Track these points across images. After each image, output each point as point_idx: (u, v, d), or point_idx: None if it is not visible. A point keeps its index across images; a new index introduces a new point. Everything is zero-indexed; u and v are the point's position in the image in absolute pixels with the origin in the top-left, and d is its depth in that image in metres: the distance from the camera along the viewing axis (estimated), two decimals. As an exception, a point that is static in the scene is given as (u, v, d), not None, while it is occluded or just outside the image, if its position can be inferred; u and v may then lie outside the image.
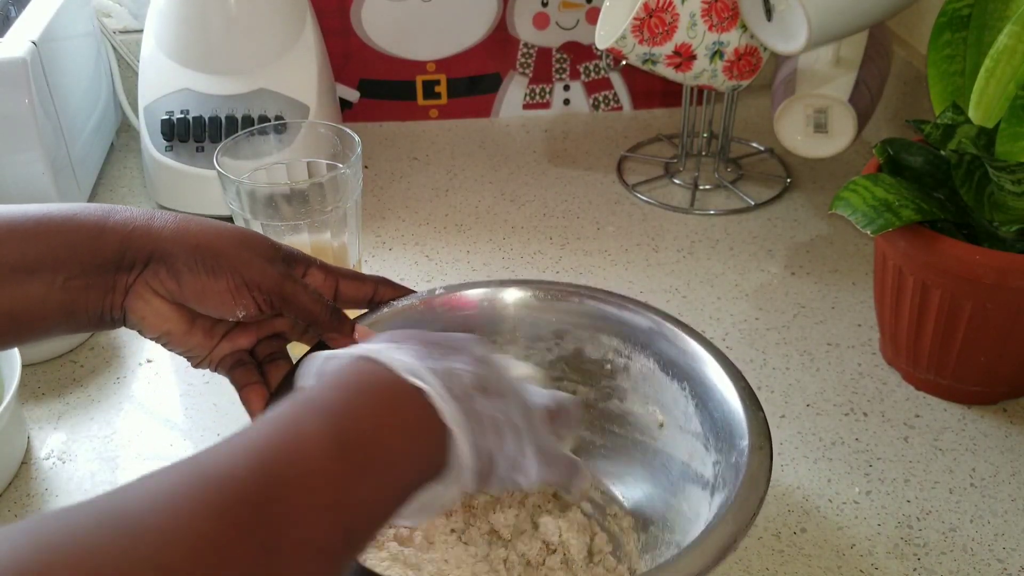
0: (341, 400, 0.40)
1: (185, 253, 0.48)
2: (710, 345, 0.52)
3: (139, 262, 0.48)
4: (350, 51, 1.02)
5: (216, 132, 0.84)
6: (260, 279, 0.49)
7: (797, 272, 0.80)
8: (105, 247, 0.47)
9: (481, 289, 0.59)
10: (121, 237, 0.48)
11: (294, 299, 0.50)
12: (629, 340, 0.55)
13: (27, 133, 0.77)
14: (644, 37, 0.78)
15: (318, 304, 0.51)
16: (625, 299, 0.56)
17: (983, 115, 0.59)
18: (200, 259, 0.48)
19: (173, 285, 0.49)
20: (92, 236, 0.47)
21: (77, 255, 0.47)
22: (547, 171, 0.96)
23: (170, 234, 0.48)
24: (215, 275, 0.49)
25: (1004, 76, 0.57)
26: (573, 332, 0.57)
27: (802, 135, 0.83)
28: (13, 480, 0.61)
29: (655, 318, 0.55)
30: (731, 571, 0.54)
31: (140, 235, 0.48)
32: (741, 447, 0.46)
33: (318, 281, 0.54)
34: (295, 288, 0.50)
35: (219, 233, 0.49)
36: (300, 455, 0.36)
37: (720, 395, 0.50)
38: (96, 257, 0.47)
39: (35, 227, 0.47)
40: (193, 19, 0.86)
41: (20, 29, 0.80)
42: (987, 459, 0.61)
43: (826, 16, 0.72)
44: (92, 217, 0.48)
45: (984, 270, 0.58)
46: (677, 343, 0.53)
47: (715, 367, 0.51)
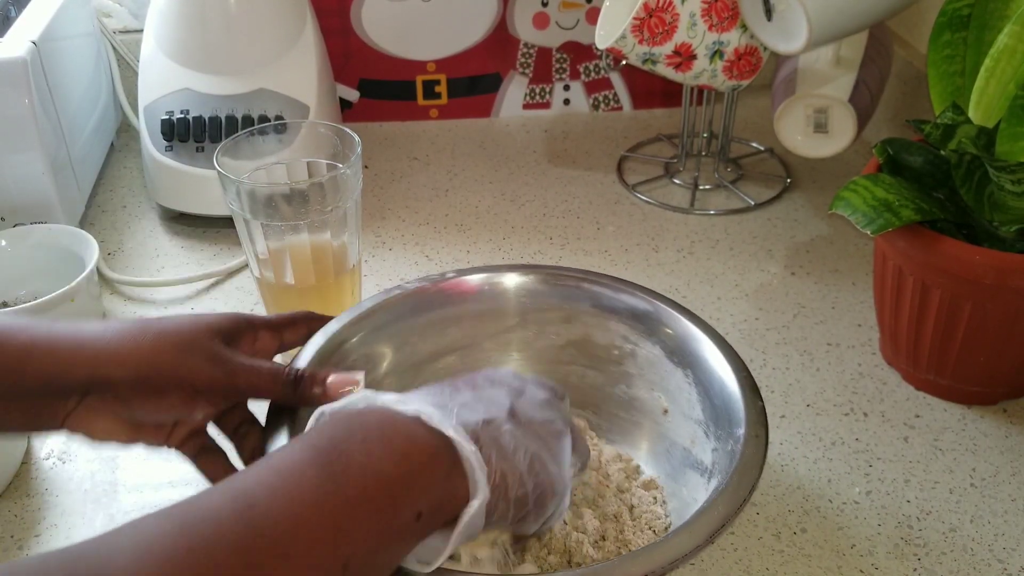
0: (330, 437, 0.39)
1: (127, 379, 0.45)
2: (712, 332, 0.53)
3: (75, 390, 0.45)
4: (350, 51, 1.02)
5: (216, 132, 0.84)
6: (210, 383, 0.47)
7: (797, 272, 0.80)
8: (29, 374, 0.44)
9: (483, 274, 0.59)
10: (48, 365, 0.44)
11: (250, 390, 0.48)
12: (636, 327, 0.56)
13: (27, 133, 0.77)
14: (644, 37, 0.78)
15: (276, 384, 0.48)
16: (630, 285, 0.57)
17: (983, 115, 0.59)
18: (144, 381, 0.46)
19: (120, 408, 0.46)
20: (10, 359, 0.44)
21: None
22: (547, 171, 0.96)
23: (106, 360, 0.45)
24: (164, 394, 0.46)
25: (1004, 76, 0.57)
26: (581, 318, 0.58)
27: (802, 135, 0.83)
28: (13, 480, 0.61)
29: (659, 304, 0.56)
30: (731, 571, 0.54)
31: (69, 361, 0.45)
32: (737, 435, 0.46)
33: (266, 340, 0.52)
34: (248, 378, 0.48)
35: (155, 347, 0.46)
36: (285, 493, 0.35)
37: (721, 382, 0.51)
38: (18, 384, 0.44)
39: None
40: (193, 19, 0.86)
41: (20, 29, 0.80)
42: (987, 459, 0.61)
43: (826, 16, 0.72)
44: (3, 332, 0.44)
45: (984, 270, 0.58)
46: (680, 330, 0.54)
47: (716, 354, 0.52)
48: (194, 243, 0.85)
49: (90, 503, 0.59)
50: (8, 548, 0.56)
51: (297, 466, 0.37)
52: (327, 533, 0.35)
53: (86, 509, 0.59)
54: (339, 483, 0.37)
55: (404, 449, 0.40)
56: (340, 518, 0.36)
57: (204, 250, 0.84)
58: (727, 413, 0.49)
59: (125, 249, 0.85)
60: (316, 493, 0.36)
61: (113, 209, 0.91)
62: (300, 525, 0.35)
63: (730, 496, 0.44)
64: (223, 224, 0.86)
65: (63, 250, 0.74)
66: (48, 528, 0.58)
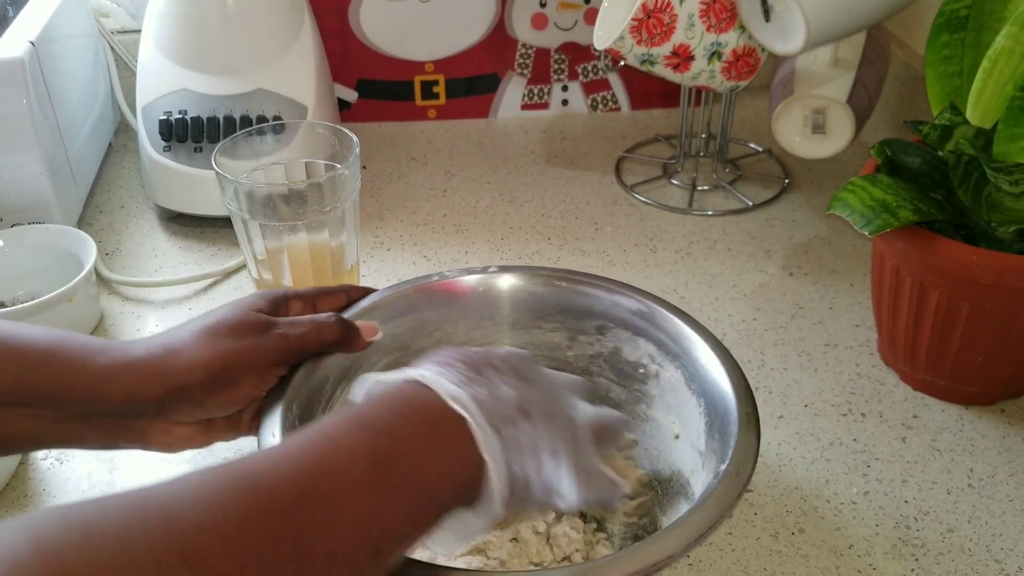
0: (384, 420, 0.40)
1: (200, 383, 0.47)
2: (731, 363, 0.52)
3: (150, 408, 0.47)
4: (348, 51, 1.02)
5: (214, 132, 0.83)
6: (272, 356, 0.49)
7: (795, 273, 0.80)
8: (108, 395, 0.46)
9: (519, 276, 0.60)
10: (123, 386, 0.46)
11: (306, 347, 0.51)
12: (664, 348, 0.55)
13: (25, 133, 0.77)
14: (642, 38, 0.78)
15: (329, 328, 0.51)
16: (668, 305, 0.56)
17: (981, 116, 0.59)
18: (217, 379, 0.48)
19: (200, 412, 0.49)
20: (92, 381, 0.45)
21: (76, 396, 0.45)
22: (545, 171, 0.96)
23: (178, 371, 0.47)
24: (236, 383, 0.48)
25: (1002, 77, 0.57)
26: (614, 330, 0.58)
27: (800, 136, 0.83)
28: (11, 480, 0.61)
29: (691, 331, 0.54)
30: (729, 571, 0.54)
31: (144, 381, 0.46)
32: (719, 470, 0.46)
33: (298, 309, 0.54)
34: (298, 336, 0.50)
35: (216, 343, 0.48)
36: (337, 468, 0.36)
37: (726, 417, 0.49)
38: (99, 403, 0.46)
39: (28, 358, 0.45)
40: (191, 19, 0.86)
41: (18, 29, 0.80)
42: (985, 459, 0.62)
43: (824, 17, 0.72)
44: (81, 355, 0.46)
45: (981, 271, 0.58)
46: (702, 359, 0.53)
47: (727, 387, 0.51)
48: (192, 243, 0.85)
49: (88, 503, 0.59)
50: (5, 549, 0.56)
51: (349, 439, 0.38)
52: (368, 515, 0.36)
53: (84, 509, 0.59)
54: (387, 469, 0.38)
55: (447, 450, 0.40)
56: (383, 502, 0.37)
57: (202, 250, 0.84)
58: (724, 450, 0.48)
59: (123, 249, 0.85)
60: (364, 473, 0.37)
61: (111, 209, 0.91)
62: (346, 502, 0.36)
63: (720, 497, 0.44)
64: (221, 224, 0.86)
65: (61, 250, 0.74)
66: (46, 528, 0.58)
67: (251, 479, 0.34)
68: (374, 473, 0.37)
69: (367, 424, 0.39)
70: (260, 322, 0.50)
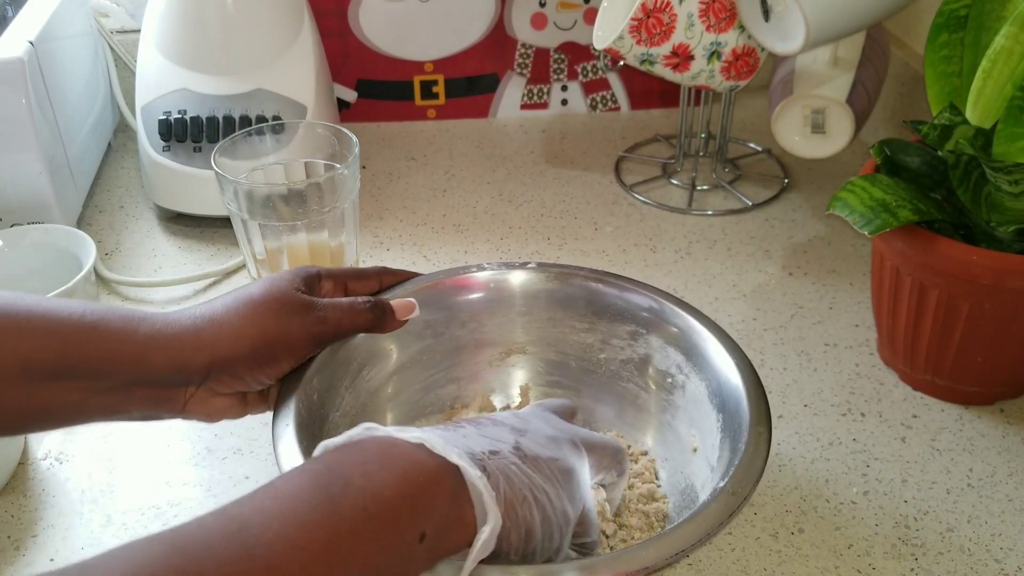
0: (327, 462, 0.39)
1: (243, 357, 0.48)
2: (752, 378, 0.51)
3: (196, 377, 0.48)
4: (348, 51, 1.02)
5: (213, 132, 0.83)
6: (312, 337, 0.50)
7: (795, 272, 0.80)
8: (153, 364, 0.46)
9: (556, 275, 0.60)
10: (169, 355, 0.47)
11: (339, 329, 0.51)
12: (692, 359, 0.55)
13: (24, 133, 0.77)
14: (642, 37, 0.78)
15: (363, 314, 0.52)
16: (699, 314, 0.56)
17: (980, 116, 0.59)
18: (259, 355, 0.49)
19: (239, 384, 0.49)
20: (136, 351, 0.46)
21: (119, 367, 0.46)
22: (545, 171, 0.96)
23: (224, 342, 0.48)
24: (277, 361, 0.50)
25: (1001, 77, 0.57)
26: (646, 337, 0.58)
27: (800, 135, 0.83)
28: (10, 481, 0.61)
29: (718, 342, 0.54)
30: (729, 571, 0.54)
31: (191, 351, 0.47)
32: (718, 487, 0.46)
33: (329, 289, 0.54)
34: (335, 318, 0.51)
35: (260, 319, 0.48)
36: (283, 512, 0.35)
37: (741, 435, 0.49)
38: (143, 372, 0.46)
39: (70, 331, 0.45)
40: (191, 19, 0.86)
41: (17, 29, 0.80)
42: (984, 459, 0.62)
43: (824, 17, 0.72)
44: (124, 326, 0.46)
45: (981, 270, 0.58)
46: (726, 371, 0.53)
47: (744, 403, 0.50)
48: (191, 243, 0.85)
49: (87, 503, 0.59)
50: (5, 548, 0.56)
51: (293, 490, 0.37)
52: (323, 554, 0.35)
53: (83, 509, 0.59)
54: (337, 504, 0.36)
55: (405, 471, 0.39)
56: (337, 539, 0.36)
57: (201, 250, 0.84)
58: (731, 466, 0.47)
59: (122, 249, 0.85)
60: (312, 515, 0.36)
61: (110, 209, 0.91)
62: (294, 546, 0.34)
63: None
64: (220, 224, 0.86)
65: (60, 250, 0.74)
66: (45, 529, 0.58)
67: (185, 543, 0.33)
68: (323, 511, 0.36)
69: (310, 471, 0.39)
70: (302, 302, 0.50)
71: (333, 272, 0.55)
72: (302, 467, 0.40)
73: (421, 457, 0.40)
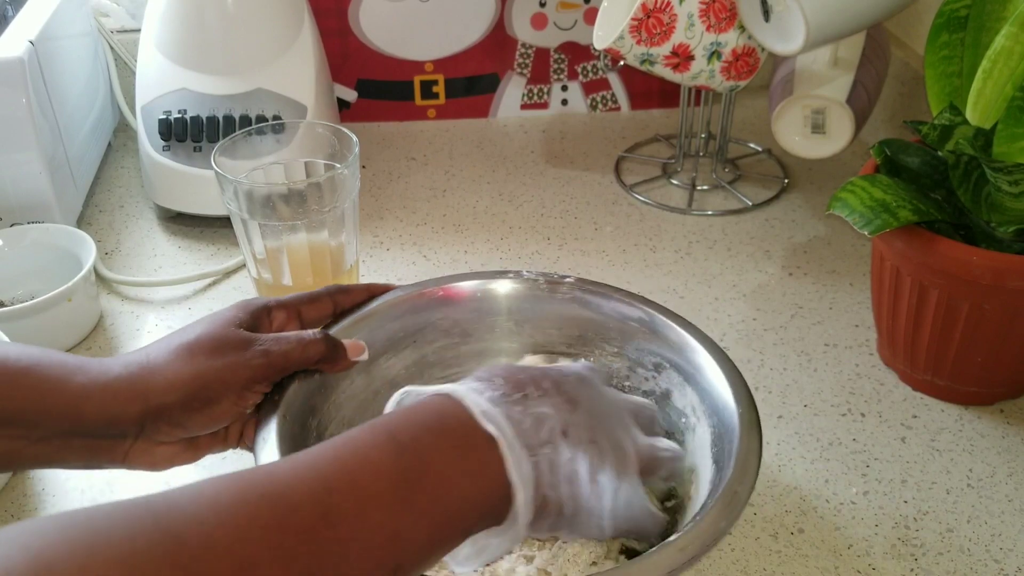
0: (413, 435, 0.39)
1: (178, 402, 0.46)
2: (755, 430, 0.49)
3: (131, 429, 0.46)
4: (348, 51, 1.02)
5: (214, 132, 0.83)
6: (252, 374, 0.47)
7: (795, 273, 0.80)
8: (85, 416, 0.44)
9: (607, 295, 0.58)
10: (101, 407, 0.44)
11: (290, 364, 0.49)
12: (705, 402, 0.53)
13: (24, 133, 0.77)
14: (642, 37, 0.78)
15: (314, 345, 0.50)
16: (721, 356, 0.54)
17: (980, 116, 0.59)
18: (195, 398, 0.46)
19: (180, 431, 0.47)
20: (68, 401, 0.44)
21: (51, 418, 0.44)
22: (545, 171, 0.96)
23: (156, 389, 0.46)
24: (215, 402, 0.47)
25: (1001, 77, 0.57)
26: (668, 371, 0.56)
27: (800, 136, 0.83)
28: (10, 480, 0.61)
29: (733, 392, 0.51)
30: (728, 571, 0.54)
31: (123, 402, 0.45)
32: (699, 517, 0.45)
33: (281, 320, 0.52)
34: (280, 353, 0.48)
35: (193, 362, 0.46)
36: (362, 484, 0.36)
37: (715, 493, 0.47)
38: (75, 424, 0.44)
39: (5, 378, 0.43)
40: (191, 19, 0.86)
41: (17, 29, 0.80)
42: (984, 460, 0.62)
43: (824, 17, 0.72)
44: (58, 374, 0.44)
45: (981, 271, 0.58)
46: (729, 422, 0.51)
47: (732, 446, 0.49)
48: (191, 243, 0.85)
49: (86, 503, 0.59)
50: (5, 548, 0.56)
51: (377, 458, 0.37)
52: (390, 538, 0.35)
53: (83, 509, 0.59)
54: (413, 490, 0.37)
55: (476, 471, 0.40)
56: (406, 524, 0.36)
57: (201, 250, 0.84)
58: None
59: (122, 249, 0.85)
60: (389, 494, 0.36)
61: (110, 209, 0.91)
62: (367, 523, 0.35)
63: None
64: (220, 224, 0.86)
65: (60, 250, 0.74)
66: (45, 528, 0.58)
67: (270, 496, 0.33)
68: (399, 494, 0.37)
69: (396, 439, 0.39)
70: (240, 339, 0.48)
71: (284, 301, 0.53)
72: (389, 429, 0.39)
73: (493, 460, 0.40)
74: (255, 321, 0.50)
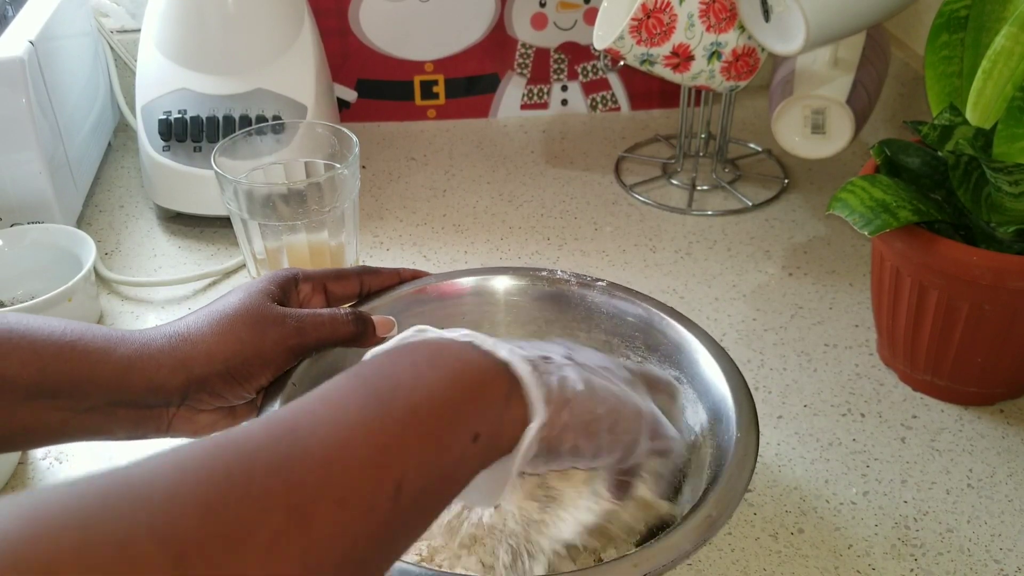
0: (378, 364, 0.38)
1: (219, 374, 0.47)
2: (750, 458, 0.49)
3: (175, 398, 0.47)
4: (348, 51, 1.02)
5: (214, 132, 0.83)
6: (289, 352, 0.49)
7: (795, 273, 0.80)
8: (131, 385, 0.46)
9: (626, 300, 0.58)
10: (147, 376, 0.46)
11: (319, 342, 0.50)
12: (713, 425, 0.52)
13: (24, 133, 0.77)
14: (642, 38, 0.78)
15: (345, 327, 0.51)
16: (738, 378, 0.53)
17: (980, 116, 0.59)
18: (235, 372, 0.48)
19: (220, 400, 0.49)
20: (114, 372, 0.46)
21: (99, 388, 0.45)
22: (545, 171, 0.96)
23: (199, 361, 0.47)
24: (254, 376, 0.49)
25: (1002, 77, 0.57)
26: (686, 387, 0.55)
27: (800, 136, 0.83)
28: (10, 480, 0.61)
29: (735, 402, 0.51)
30: (728, 572, 0.54)
31: (167, 371, 0.46)
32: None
33: (307, 292, 0.53)
34: (315, 331, 0.50)
35: (234, 335, 0.48)
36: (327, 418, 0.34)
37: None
38: (122, 394, 0.46)
39: (50, 350, 0.45)
40: (191, 19, 0.86)
41: (17, 29, 0.80)
42: (984, 460, 0.62)
43: (824, 17, 0.72)
44: (103, 346, 0.46)
45: (981, 271, 0.58)
46: (726, 446, 0.50)
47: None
48: (191, 243, 0.85)
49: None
50: (5, 548, 0.56)
51: (342, 392, 0.36)
52: (375, 453, 0.34)
53: (83, 509, 0.59)
54: (387, 404, 0.36)
55: (456, 370, 0.38)
56: (389, 438, 0.34)
57: (201, 250, 0.84)
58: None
59: (122, 249, 0.85)
60: (362, 414, 0.35)
61: (110, 209, 0.91)
62: (345, 446, 0.33)
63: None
64: (220, 224, 0.86)
65: (60, 250, 0.74)
66: (45, 528, 0.58)
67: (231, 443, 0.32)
68: (374, 411, 0.35)
69: (359, 373, 0.38)
70: (276, 315, 0.49)
71: (311, 274, 0.54)
72: (351, 371, 0.38)
73: (473, 356, 0.39)
74: (284, 294, 0.51)
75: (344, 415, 0.35)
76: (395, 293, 0.58)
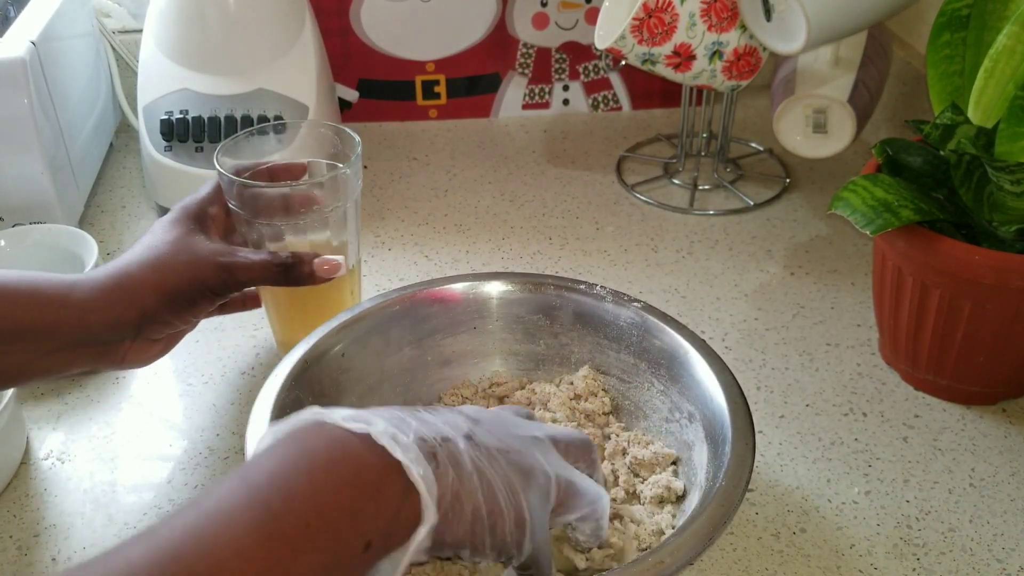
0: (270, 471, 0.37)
1: (167, 305, 0.54)
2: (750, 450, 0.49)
3: (130, 331, 0.54)
4: (349, 51, 1.02)
5: (215, 132, 0.83)
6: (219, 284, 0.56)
7: (796, 272, 0.80)
8: (91, 325, 0.52)
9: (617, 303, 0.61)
10: (104, 315, 0.52)
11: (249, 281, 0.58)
12: (714, 459, 0.52)
13: (26, 133, 0.77)
14: (643, 37, 0.78)
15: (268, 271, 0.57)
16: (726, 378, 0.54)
17: (982, 115, 0.59)
18: (181, 301, 0.55)
19: (170, 328, 0.56)
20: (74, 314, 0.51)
21: (62, 329, 0.51)
22: (546, 171, 0.96)
23: (149, 296, 0.53)
24: (196, 303, 0.56)
25: (1003, 76, 0.57)
26: (698, 424, 0.55)
27: (801, 135, 0.83)
28: (12, 480, 0.61)
29: (729, 400, 0.52)
30: (730, 571, 0.54)
31: (121, 308, 0.52)
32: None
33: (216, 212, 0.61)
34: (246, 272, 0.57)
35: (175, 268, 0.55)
36: (219, 536, 0.33)
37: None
38: (84, 333, 0.52)
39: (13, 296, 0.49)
40: (192, 19, 0.86)
41: (19, 29, 0.80)
42: (986, 459, 0.62)
43: (825, 16, 0.72)
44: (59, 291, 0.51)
45: (983, 270, 0.58)
46: (722, 434, 0.51)
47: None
48: (193, 243, 0.85)
49: (89, 503, 0.59)
50: (7, 548, 0.56)
51: (230, 507, 0.35)
52: (263, 573, 0.33)
53: (85, 509, 0.59)
54: (279, 518, 0.35)
55: (352, 474, 0.37)
56: (278, 561, 0.34)
57: (203, 250, 0.84)
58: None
59: (124, 249, 0.84)
60: (251, 536, 0.34)
61: (112, 209, 0.91)
62: (232, 571, 0.33)
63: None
64: (222, 224, 0.86)
65: (62, 250, 0.74)
66: (47, 528, 0.58)
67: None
68: (265, 531, 0.34)
69: (250, 482, 0.36)
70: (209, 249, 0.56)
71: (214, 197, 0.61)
72: (241, 477, 0.36)
73: (369, 457, 0.38)
74: (200, 225, 0.58)
75: (230, 535, 0.34)
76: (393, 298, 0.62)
